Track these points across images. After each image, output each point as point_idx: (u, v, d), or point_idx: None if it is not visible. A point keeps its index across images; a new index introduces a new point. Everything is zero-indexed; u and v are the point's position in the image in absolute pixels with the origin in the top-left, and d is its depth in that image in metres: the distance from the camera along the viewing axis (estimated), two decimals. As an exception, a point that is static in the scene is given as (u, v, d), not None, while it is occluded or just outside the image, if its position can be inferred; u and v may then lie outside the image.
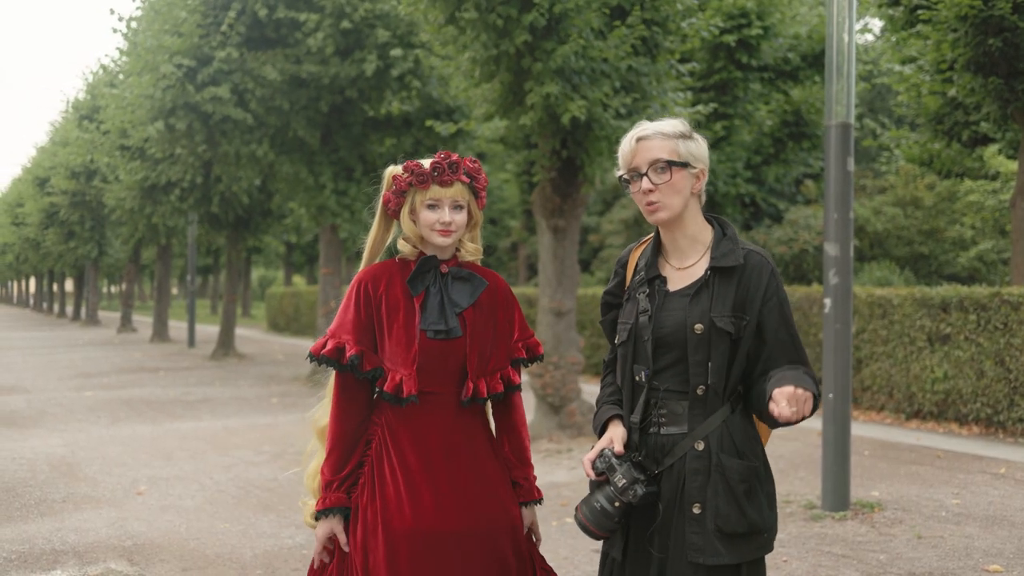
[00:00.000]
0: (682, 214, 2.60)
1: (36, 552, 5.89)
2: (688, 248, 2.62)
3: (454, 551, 2.69)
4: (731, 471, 2.47)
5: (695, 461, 2.49)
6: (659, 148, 2.57)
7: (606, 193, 24.05)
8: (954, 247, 19.16)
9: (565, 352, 9.72)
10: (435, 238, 2.75)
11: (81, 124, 26.12)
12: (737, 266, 2.53)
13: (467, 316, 2.78)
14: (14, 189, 45.17)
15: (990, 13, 9.07)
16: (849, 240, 6.65)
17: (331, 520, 2.74)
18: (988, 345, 9.75)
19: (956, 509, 6.75)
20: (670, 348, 2.54)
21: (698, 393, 2.51)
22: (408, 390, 2.69)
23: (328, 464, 2.76)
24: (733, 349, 2.51)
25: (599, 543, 5.83)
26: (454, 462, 2.74)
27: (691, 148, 2.59)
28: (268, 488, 7.69)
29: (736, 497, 2.46)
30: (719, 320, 2.49)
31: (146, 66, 14.41)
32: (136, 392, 14.37)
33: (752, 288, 2.52)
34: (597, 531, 2.54)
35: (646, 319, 2.57)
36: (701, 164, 2.60)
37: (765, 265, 2.55)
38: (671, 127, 2.61)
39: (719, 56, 15.75)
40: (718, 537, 2.46)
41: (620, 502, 2.48)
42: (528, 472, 2.90)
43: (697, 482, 2.48)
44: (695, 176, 2.59)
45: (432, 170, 2.73)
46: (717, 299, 2.52)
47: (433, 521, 2.68)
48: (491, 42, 8.57)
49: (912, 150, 11.98)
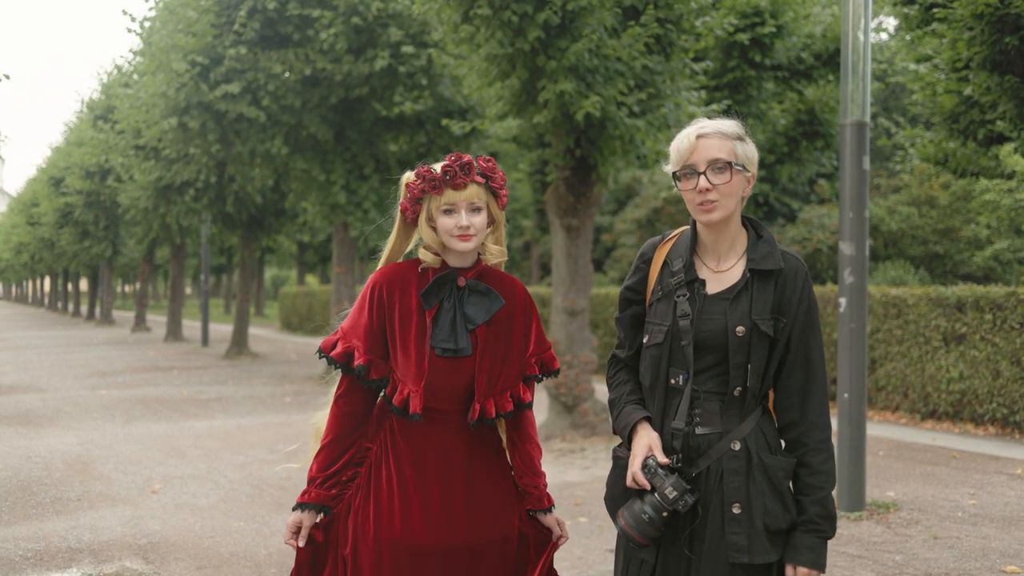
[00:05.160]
0: (732, 217, 2.58)
1: (52, 550, 5.91)
2: (727, 251, 2.60)
3: (439, 565, 2.68)
4: (773, 468, 2.48)
5: (732, 461, 2.49)
6: (718, 148, 2.53)
7: (619, 192, 24.02)
8: (969, 246, 19.05)
9: (578, 351, 9.71)
10: (455, 244, 2.65)
11: (96, 124, 26.22)
12: (776, 269, 2.53)
13: (480, 333, 2.71)
14: (29, 189, 45.36)
15: (1006, 11, 9.01)
16: (864, 239, 6.62)
17: (305, 514, 2.72)
18: (1004, 345, 9.70)
19: (972, 510, 6.72)
20: (710, 351, 2.53)
21: (735, 395, 2.51)
22: (414, 408, 2.65)
23: (317, 460, 2.74)
24: (771, 351, 2.52)
25: (612, 543, 5.81)
26: (449, 480, 2.71)
27: (747, 151, 2.57)
28: (282, 487, 7.70)
29: (782, 494, 2.48)
30: (761, 323, 2.49)
31: (160, 66, 14.47)
32: (150, 391, 14.43)
33: (789, 291, 2.53)
34: (641, 539, 2.52)
35: (687, 323, 2.54)
36: (753, 169, 2.60)
37: (800, 269, 2.56)
38: (731, 127, 2.57)
39: (732, 55, 15.70)
40: (767, 535, 2.46)
41: (668, 511, 2.47)
42: (538, 481, 2.85)
43: (736, 482, 2.48)
44: (747, 180, 2.59)
45: (444, 174, 2.63)
46: (756, 302, 2.51)
47: (419, 535, 2.67)
48: (506, 40, 8.57)
49: (927, 149, 11.90)
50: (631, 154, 9.51)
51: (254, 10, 13.44)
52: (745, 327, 2.49)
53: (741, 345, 2.50)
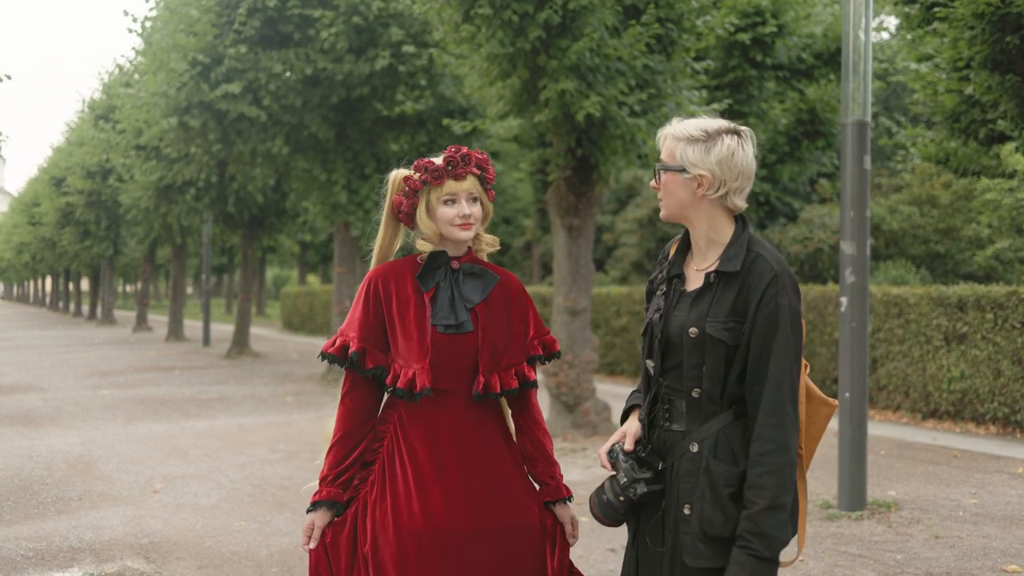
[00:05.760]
0: (688, 216, 2.57)
1: (53, 550, 5.92)
2: (706, 249, 2.58)
3: (464, 551, 2.67)
4: (718, 475, 2.43)
5: (688, 463, 2.49)
6: (665, 149, 2.57)
7: (620, 192, 24.00)
8: (970, 246, 19.04)
9: (580, 351, 9.71)
10: (456, 233, 2.74)
11: (97, 124, 26.24)
12: (734, 272, 2.47)
13: (479, 311, 2.78)
14: (30, 189, 45.38)
15: (1007, 10, 9.00)
16: (866, 238, 6.62)
17: (319, 513, 2.72)
18: (1005, 344, 9.70)
19: (973, 509, 6.72)
20: (673, 349, 2.54)
21: (693, 396, 2.50)
22: (422, 384, 2.68)
23: (328, 458, 2.75)
24: (731, 356, 2.46)
25: (613, 542, 5.83)
26: (466, 461, 2.72)
27: (690, 153, 2.50)
28: (283, 486, 7.71)
29: (720, 501, 2.42)
30: (711, 327, 2.45)
31: (161, 65, 14.48)
32: (152, 391, 14.43)
33: (751, 296, 2.45)
34: (604, 520, 2.61)
35: (658, 317, 2.58)
36: (700, 170, 2.50)
37: (767, 273, 2.44)
38: (680, 129, 2.55)
39: (734, 54, 15.69)
40: (702, 540, 2.44)
41: (623, 497, 2.55)
42: (554, 470, 2.87)
43: (689, 483, 2.48)
44: (694, 181, 2.51)
45: (446, 165, 2.73)
46: (716, 304, 2.48)
47: (443, 521, 2.66)
48: (507, 39, 8.58)
49: (928, 148, 11.89)
50: (632, 153, 9.52)
51: (254, 9, 13.44)
52: (698, 329, 2.47)
53: (695, 347, 2.48)
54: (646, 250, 21.70)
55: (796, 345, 2.43)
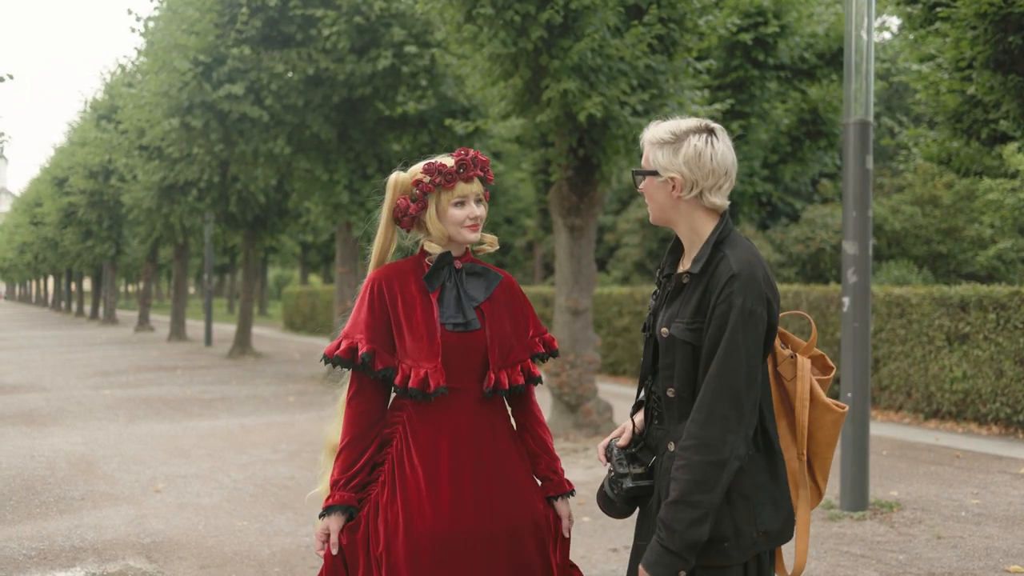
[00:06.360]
0: (669, 218, 2.57)
1: (55, 549, 5.92)
2: (691, 249, 2.58)
3: (476, 551, 2.67)
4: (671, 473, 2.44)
5: (667, 461, 2.50)
6: (644, 153, 2.60)
7: (622, 192, 24.00)
8: (973, 246, 19.04)
9: (581, 351, 9.71)
10: (466, 234, 2.78)
11: (99, 124, 26.25)
12: (696, 273, 2.47)
13: (484, 309, 2.80)
14: (33, 189, 45.44)
15: (1009, 10, 9.00)
16: (868, 238, 6.62)
17: (332, 518, 2.72)
18: (1007, 344, 9.69)
19: (976, 509, 6.71)
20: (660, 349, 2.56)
21: (668, 395, 2.51)
22: (436, 383, 2.68)
23: (338, 463, 2.74)
24: (696, 356, 2.45)
25: (615, 542, 5.83)
26: (476, 460, 2.73)
27: (660, 156, 2.52)
28: (285, 486, 7.71)
29: None
30: (676, 328, 2.47)
31: (163, 65, 14.49)
32: (154, 390, 14.44)
33: (710, 295, 2.43)
34: (606, 512, 2.66)
35: (649, 317, 2.63)
36: (671, 172, 2.49)
37: (726, 272, 2.41)
38: (653, 133, 2.57)
39: (736, 54, 15.70)
40: None
41: (615, 490, 2.60)
42: (556, 465, 2.91)
43: (665, 481, 2.49)
44: (667, 184, 2.52)
45: (458, 168, 2.76)
46: (683, 305, 2.49)
47: (454, 521, 2.66)
48: (509, 39, 8.58)
49: (930, 148, 11.89)
50: (634, 153, 9.52)
51: (256, 8, 13.45)
52: (668, 329, 2.49)
53: (669, 347, 2.49)
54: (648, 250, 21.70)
55: (747, 346, 2.37)
